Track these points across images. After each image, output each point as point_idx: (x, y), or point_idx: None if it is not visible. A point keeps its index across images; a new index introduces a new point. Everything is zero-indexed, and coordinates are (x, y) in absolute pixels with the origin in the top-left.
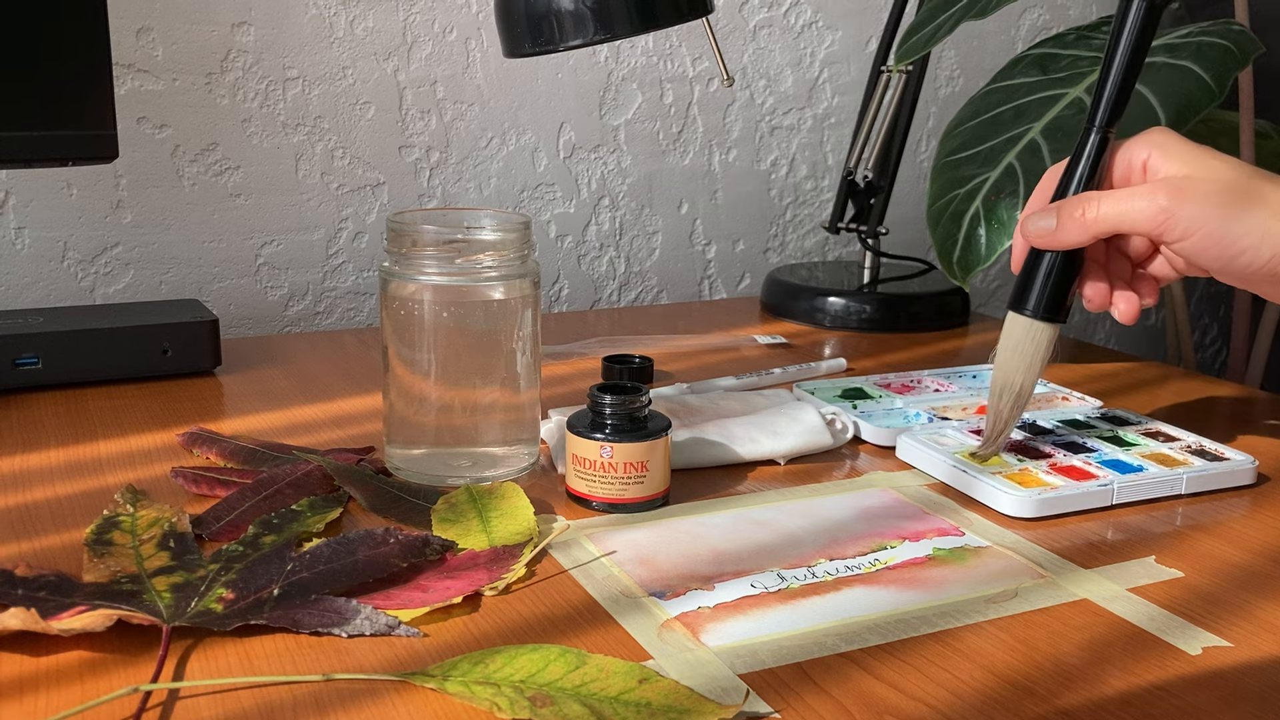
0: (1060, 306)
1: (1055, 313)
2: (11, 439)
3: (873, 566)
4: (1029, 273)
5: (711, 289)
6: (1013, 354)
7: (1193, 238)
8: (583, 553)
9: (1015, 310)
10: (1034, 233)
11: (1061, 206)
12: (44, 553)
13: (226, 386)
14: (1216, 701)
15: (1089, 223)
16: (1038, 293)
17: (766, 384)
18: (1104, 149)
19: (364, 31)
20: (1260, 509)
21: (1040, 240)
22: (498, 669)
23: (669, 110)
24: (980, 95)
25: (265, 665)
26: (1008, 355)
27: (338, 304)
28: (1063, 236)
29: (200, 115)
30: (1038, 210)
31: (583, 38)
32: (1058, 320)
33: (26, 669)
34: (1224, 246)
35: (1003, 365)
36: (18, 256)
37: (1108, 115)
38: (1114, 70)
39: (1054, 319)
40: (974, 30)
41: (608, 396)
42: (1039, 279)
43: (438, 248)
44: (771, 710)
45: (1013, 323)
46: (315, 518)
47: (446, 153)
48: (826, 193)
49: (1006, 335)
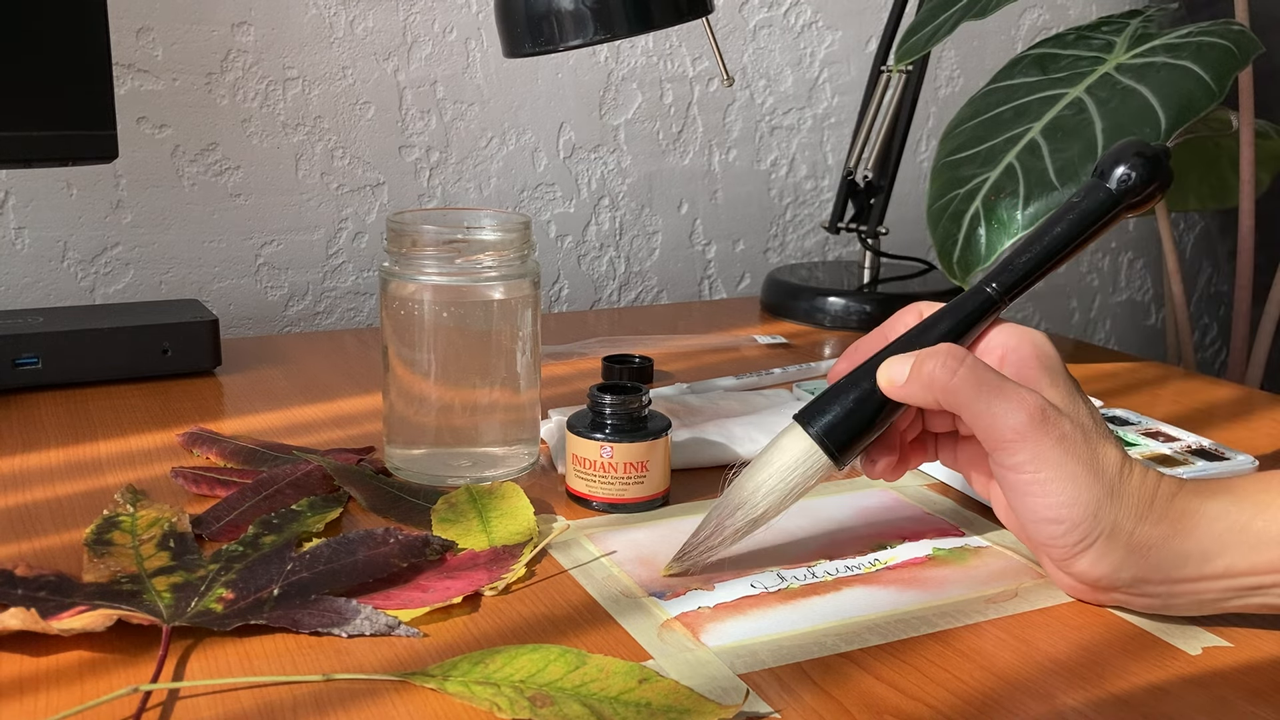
0: (851, 450)
1: (843, 452)
2: (11, 439)
3: (873, 566)
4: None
5: (711, 289)
6: (778, 473)
7: (1027, 474)
8: (583, 553)
9: (805, 426)
10: (885, 379)
11: (919, 355)
12: (44, 553)
13: (226, 386)
14: (1216, 701)
15: (935, 387)
16: (841, 424)
17: (766, 384)
18: (988, 314)
19: (364, 31)
20: None
21: (888, 390)
22: (498, 669)
23: (669, 110)
24: (980, 95)
25: (265, 665)
26: (770, 472)
27: (338, 304)
28: (909, 389)
29: (200, 115)
30: (893, 357)
31: (583, 38)
32: (840, 463)
33: (26, 669)
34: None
35: (757, 480)
36: (18, 256)
37: (1010, 287)
38: (1045, 245)
39: (838, 460)
40: (974, 30)
41: (608, 396)
42: (848, 411)
43: (438, 248)
44: (771, 710)
45: (795, 439)
46: (315, 518)
47: (446, 153)
48: (826, 193)
49: (781, 451)
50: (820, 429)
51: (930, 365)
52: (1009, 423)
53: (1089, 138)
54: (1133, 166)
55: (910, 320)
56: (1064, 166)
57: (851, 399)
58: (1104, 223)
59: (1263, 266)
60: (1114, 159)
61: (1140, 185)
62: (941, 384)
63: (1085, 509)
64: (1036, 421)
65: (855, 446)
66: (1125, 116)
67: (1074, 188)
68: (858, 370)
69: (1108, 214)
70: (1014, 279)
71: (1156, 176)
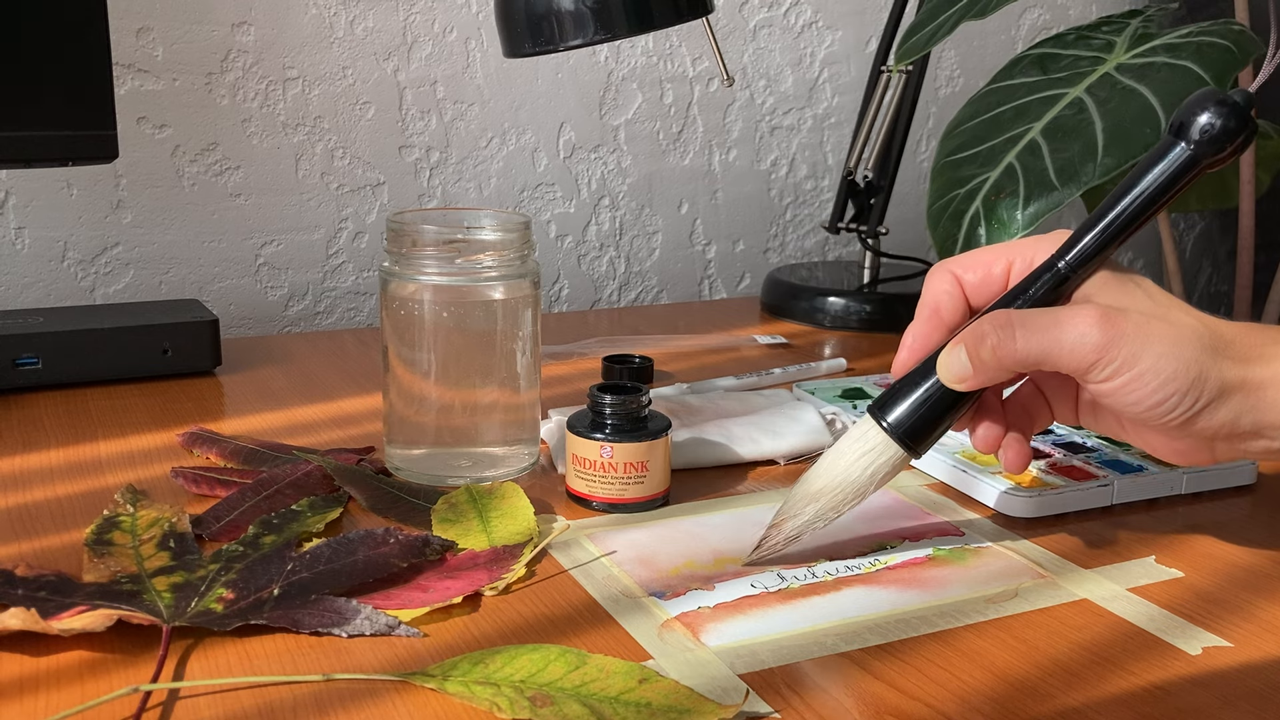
0: (927, 438)
1: (918, 443)
2: (11, 439)
3: (873, 566)
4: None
5: (711, 289)
6: (856, 464)
7: (1123, 377)
8: (583, 553)
9: (878, 418)
10: (952, 377)
11: (968, 341)
12: (44, 553)
13: (226, 386)
14: (1216, 701)
15: (1005, 360)
16: (916, 416)
17: (766, 384)
18: (1059, 291)
19: (364, 31)
20: (1260, 509)
21: (960, 385)
22: (498, 669)
23: (669, 110)
24: (980, 95)
25: (265, 665)
26: (850, 460)
27: (338, 304)
28: (981, 378)
29: (200, 115)
30: (943, 352)
31: (583, 38)
32: (916, 452)
33: (26, 669)
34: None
35: (835, 470)
36: (18, 256)
37: (1082, 261)
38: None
39: (914, 449)
40: (974, 30)
41: (608, 396)
42: (918, 399)
43: (438, 248)
44: (771, 710)
45: (871, 431)
46: (315, 518)
47: (446, 153)
48: (826, 193)
49: (858, 440)
50: (902, 425)
51: (989, 344)
52: (1086, 345)
53: (1089, 138)
54: (1217, 115)
55: (944, 284)
56: (1064, 166)
57: (917, 386)
58: (1185, 183)
59: (1263, 266)
60: (1194, 109)
61: (1225, 135)
62: (1011, 355)
63: (1188, 375)
64: (1105, 328)
65: (927, 432)
66: (1125, 116)
67: (1074, 188)
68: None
69: (1188, 172)
70: (1086, 253)
71: (1246, 124)
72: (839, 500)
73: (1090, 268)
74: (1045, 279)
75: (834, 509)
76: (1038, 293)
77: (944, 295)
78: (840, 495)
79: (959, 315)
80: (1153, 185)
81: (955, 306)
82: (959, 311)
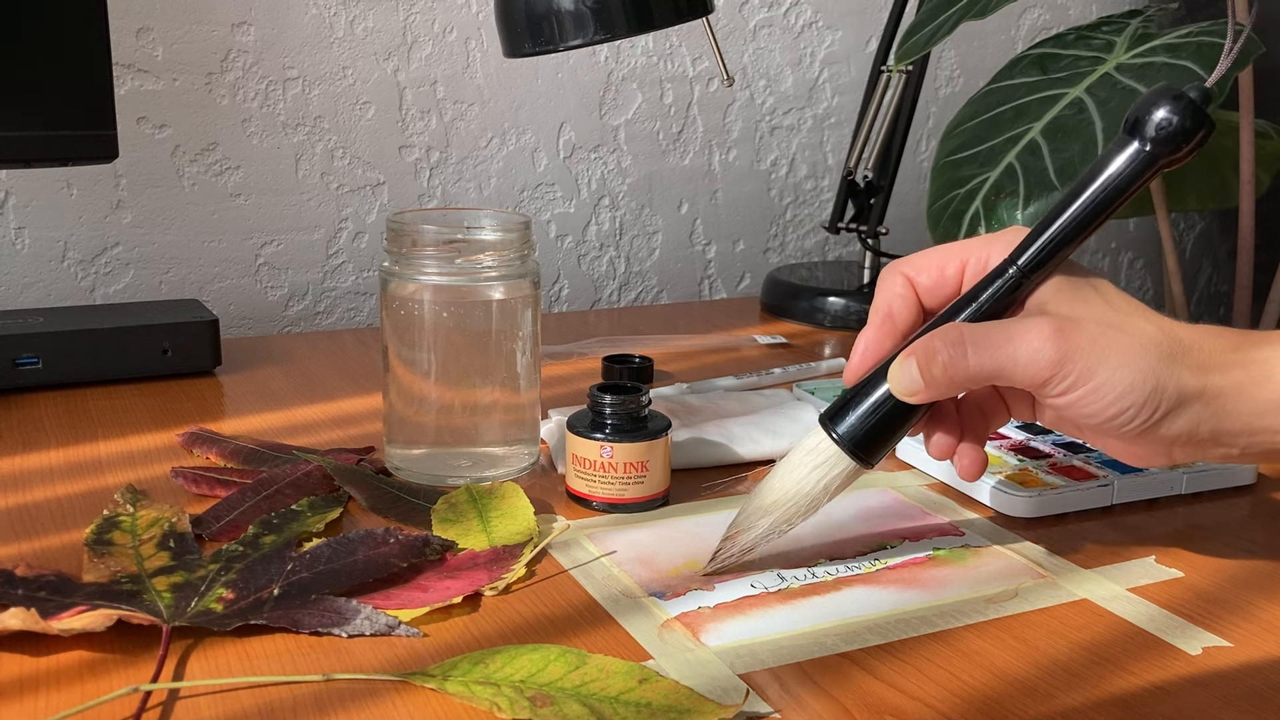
0: (879, 449)
1: (870, 454)
2: (11, 439)
3: (873, 566)
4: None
5: (711, 289)
6: (809, 477)
7: (1078, 391)
8: (583, 553)
9: (829, 429)
10: (903, 390)
11: (920, 357)
12: (44, 553)
13: (226, 386)
14: (1216, 701)
15: (957, 378)
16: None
17: (766, 384)
18: (1012, 297)
19: (364, 31)
20: (1260, 509)
21: (910, 399)
22: (498, 669)
23: (669, 110)
24: (980, 95)
25: (265, 665)
26: (803, 474)
27: (338, 304)
28: (932, 393)
29: (200, 115)
30: (895, 362)
31: (583, 38)
32: (869, 464)
33: (26, 669)
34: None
35: (787, 482)
36: (18, 256)
37: (1035, 265)
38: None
39: (865, 461)
40: (974, 30)
41: (608, 396)
42: (869, 409)
43: (438, 248)
44: (771, 710)
45: (823, 443)
46: (315, 518)
47: (446, 153)
48: (826, 193)
49: (810, 453)
50: (850, 436)
51: (940, 361)
52: (1040, 361)
53: (1089, 138)
54: (1173, 112)
55: (896, 287)
56: (1064, 166)
57: (866, 394)
58: (1141, 183)
59: (1263, 266)
60: (1148, 106)
61: (1181, 134)
62: (963, 372)
63: (1145, 386)
64: (1059, 343)
65: (879, 444)
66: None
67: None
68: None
69: (1145, 172)
70: (1039, 256)
71: (1203, 122)
72: (792, 513)
73: (1045, 271)
74: (999, 285)
75: (787, 521)
76: (991, 299)
77: (897, 299)
78: (794, 508)
79: (912, 319)
80: (1109, 186)
81: (909, 311)
82: (912, 315)
